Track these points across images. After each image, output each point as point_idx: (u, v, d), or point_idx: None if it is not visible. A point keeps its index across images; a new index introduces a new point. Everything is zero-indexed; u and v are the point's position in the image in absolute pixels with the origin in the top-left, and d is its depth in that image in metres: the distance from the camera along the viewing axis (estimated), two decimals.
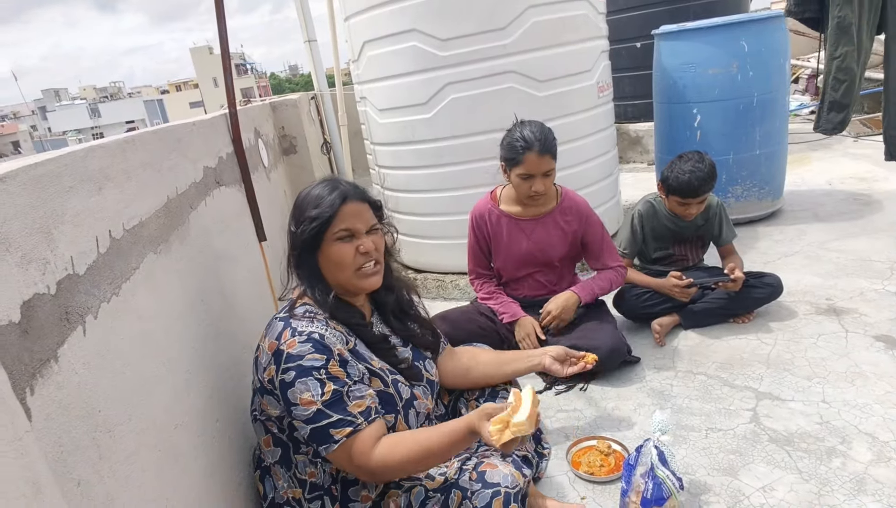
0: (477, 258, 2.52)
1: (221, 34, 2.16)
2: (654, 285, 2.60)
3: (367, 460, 1.32)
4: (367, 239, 1.47)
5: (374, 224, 1.51)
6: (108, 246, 1.12)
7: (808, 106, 7.00)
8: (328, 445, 1.33)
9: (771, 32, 3.39)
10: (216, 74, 53.98)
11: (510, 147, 2.23)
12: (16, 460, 0.69)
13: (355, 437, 1.33)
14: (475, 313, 2.48)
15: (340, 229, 1.44)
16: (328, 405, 1.32)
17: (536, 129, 2.20)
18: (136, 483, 1.04)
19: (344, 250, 1.45)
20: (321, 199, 1.45)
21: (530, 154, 2.17)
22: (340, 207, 1.44)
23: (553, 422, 2.15)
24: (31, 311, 0.85)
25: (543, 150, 2.17)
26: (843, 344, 2.31)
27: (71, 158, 1.06)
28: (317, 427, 1.32)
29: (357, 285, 1.49)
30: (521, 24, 2.83)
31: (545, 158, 2.18)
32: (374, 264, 1.50)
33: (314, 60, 4.69)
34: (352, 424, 1.33)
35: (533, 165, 2.18)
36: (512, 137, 2.23)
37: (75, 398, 0.92)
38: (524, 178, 2.23)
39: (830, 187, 4.23)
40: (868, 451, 1.76)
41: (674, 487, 1.56)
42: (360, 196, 1.50)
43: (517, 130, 2.23)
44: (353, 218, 1.46)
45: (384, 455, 1.32)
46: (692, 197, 2.47)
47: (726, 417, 2.01)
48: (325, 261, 1.47)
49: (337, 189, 1.47)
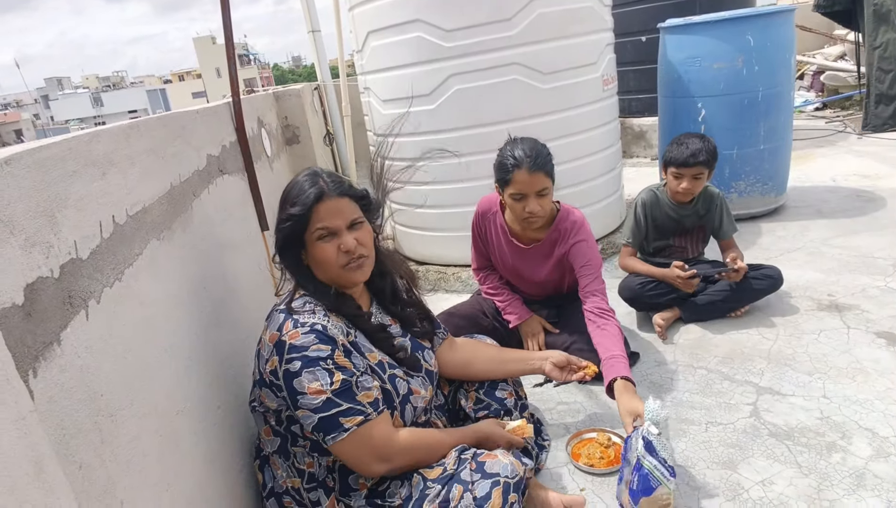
0: (479, 251, 2.51)
1: (225, 22, 2.15)
2: (658, 275, 2.60)
3: (390, 443, 1.38)
4: (348, 236, 1.43)
5: (357, 218, 1.46)
6: (111, 231, 1.12)
7: (813, 102, 6.98)
8: (337, 433, 1.33)
9: (777, 28, 3.37)
10: (219, 64, 53.90)
11: (500, 166, 2.11)
12: (20, 439, 0.70)
13: (370, 425, 1.35)
14: (480, 314, 2.48)
15: (317, 228, 1.41)
16: (338, 394, 1.33)
17: (528, 146, 2.07)
18: (138, 468, 1.05)
19: (326, 249, 1.42)
20: (298, 197, 1.42)
21: (520, 172, 2.03)
22: (314, 206, 1.40)
23: (553, 415, 2.15)
24: (34, 294, 0.85)
25: (535, 167, 2.02)
26: (844, 340, 2.31)
27: (76, 143, 1.06)
28: (326, 416, 1.33)
29: (347, 279, 1.48)
30: (527, 16, 2.82)
31: (537, 176, 2.03)
32: (360, 257, 1.46)
33: (318, 51, 4.68)
34: (362, 413, 1.34)
35: (524, 183, 2.04)
36: (502, 155, 2.11)
37: (78, 381, 0.92)
38: (517, 198, 2.09)
39: (834, 184, 4.21)
40: (868, 446, 1.76)
41: (662, 477, 1.55)
42: (339, 191, 1.44)
43: (507, 148, 2.11)
44: (331, 216, 1.41)
45: (412, 441, 1.43)
46: (685, 166, 2.48)
47: (726, 411, 2.01)
48: (311, 260, 1.47)
49: (314, 185, 1.42)
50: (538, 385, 2.31)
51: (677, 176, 2.54)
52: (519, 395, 1.87)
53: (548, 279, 2.39)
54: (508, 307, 2.44)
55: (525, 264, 2.38)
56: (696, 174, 2.50)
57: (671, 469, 1.58)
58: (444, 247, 3.34)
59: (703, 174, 2.51)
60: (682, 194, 2.56)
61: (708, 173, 2.53)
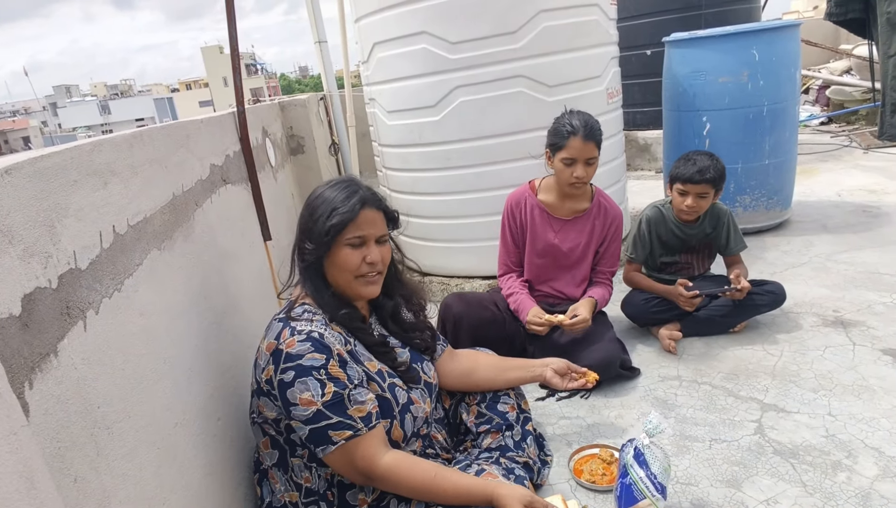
0: (507, 248, 2.54)
1: (231, 33, 2.16)
2: (662, 292, 2.58)
3: (371, 465, 1.33)
4: (375, 249, 1.46)
5: (385, 235, 1.51)
6: (111, 241, 1.12)
7: (818, 117, 6.97)
8: (326, 446, 1.33)
9: (782, 42, 3.37)
10: (226, 74, 54.22)
11: (556, 132, 2.29)
12: (11, 454, 0.69)
13: (357, 441, 1.33)
14: (490, 302, 2.49)
15: (355, 235, 1.43)
16: (328, 407, 1.32)
17: (584, 118, 2.26)
18: (134, 481, 1.03)
19: (352, 256, 1.44)
20: (342, 202, 1.43)
21: (575, 139, 2.21)
22: (360, 212, 1.43)
23: (555, 429, 2.13)
24: (31, 304, 0.85)
25: (588, 136, 2.22)
26: (850, 357, 2.29)
27: (77, 152, 1.06)
28: (316, 428, 1.32)
29: (356, 290, 1.48)
30: (532, 29, 2.82)
31: (589, 145, 2.23)
32: (377, 275, 1.49)
33: (324, 61, 4.70)
34: (352, 428, 1.33)
35: (577, 149, 2.23)
36: (559, 122, 2.30)
37: (74, 393, 0.91)
38: (567, 163, 2.26)
39: (839, 199, 4.20)
40: (874, 466, 1.74)
41: (647, 490, 1.53)
42: (377, 204, 1.49)
43: (565, 116, 2.30)
44: (368, 225, 1.45)
45: (394, 470, 1.34)
46: (690, 183, 2.45)
47: (730, 428, 1.99)
48: (329, 262, 1.47)
49: (357, 193, 1.45)
50: (541, 399, 2.30)
51: (682, 193, 2.50)
52: (521, 408, 1.86)
53: (581, 257, 2.49)
54: (520, 308, 2.43)
55: (563, 239, 2.47)
56: (702, 193, 2.46)
57: (661, 486, 1.55)
58: (447, 258, 3.33)
59: (708, 193, 2.47)
60: (686, 212, 2.52)
61: (714, 194, 2.49)
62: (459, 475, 1.40)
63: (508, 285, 2.52)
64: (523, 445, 1.75)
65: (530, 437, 1.80)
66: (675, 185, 2.53)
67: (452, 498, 1.35)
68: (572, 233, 2.46)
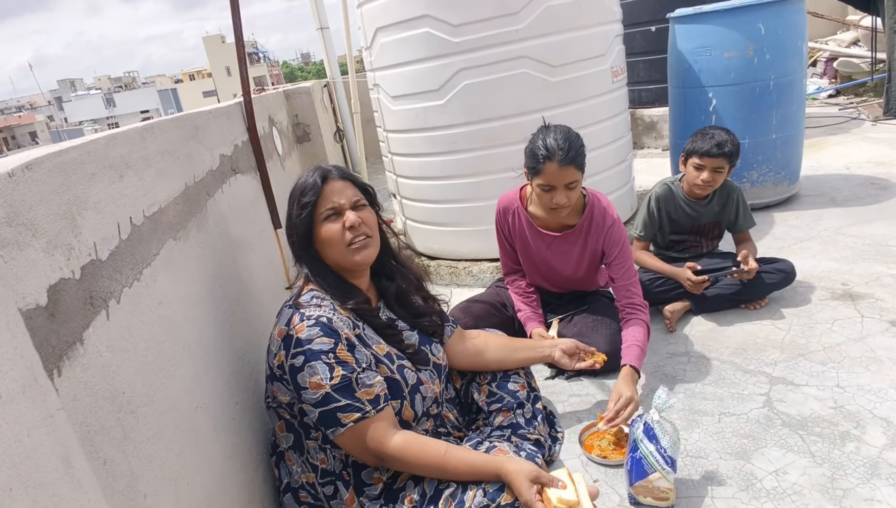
0: (506, 252, 2.46)
1: (235, 22, 2.17)
2: (668, 273, 2.59)
3: (381, 446, 1.37)
4: (351, 214, 1.49)
5: (359, 200, 1.54)
6: (129, 232, 1.15)
7: (826, 89, 6.90)
8: (336, 428, 1.37)
9: (788, 14, 3.33)
10: (229, 63, 54.05)
11: (531, 154, 2.04)
12: (48, 436, 0.72)
13: (365, 423, 1.37)
14: (497, 304, 2.48)
15: (325, 208, 1.48)
16: (337, 390, 1.35)
17: (561, 136, 1.99)
18: (159, 463, 1.07)
19: (332, 228, 1.49)
20: (305, 183, 1.51)
21: (551, 164, 1.97)
22: (322, 187, 1.49)
23: (566, 406, 2.16)
24: (57, 295, 0.88)
25: (566, 161, 1.95)
26: (858, 329, 2.30)
27: (94, 146, 1.08)
28: (326, 411, 1.36)
29: (351, 260, 1.51)
30: (535, 9, 2.82)
31: (568, 170, 1.97)
32: (364, 237, 1.51)
33: (326, 48, 4.70)
34: (360, 410, 1.37)
35: (554, 176, 1.99)
36: (534, 143, 2.04)
37: (100, 379, 0.94)
38: (545, 189, 2.04)
39: (848, 172, 4.17)
40: (882, 435, 1.76)
41: (657, 464, 1.57)
42: (341, 175, 1.54)
43: (540, 136, 2.03)
44: (336, 195, 1.50)
45: (404, 450, 1.38)
46: (708, 156, 2.44)
47: (739, 401, 2.01)
48: (319, 244, 1.51)
49: (318, 171, 1.52)
50: (550, 378, 2.33)
51: (698, 167, 2.49)
52: (531, 387, 1.89)
53: (576, 270, 2.34)
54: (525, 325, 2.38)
55: (554, 253, 2.31)
56: (718, 167, 2.46)
57: (671, 460, 1.58)
58: (455, 242, 3.35)
59: (724, 168, 2.47)
60: (700, 186, 2.51)
61: (728, 169, 2.49)
62: (468, 452, 1.43)
63: (514, 292, 2.48)
64: (534, 422, 1.78)
65: (541, 415, 1.83)
66: (692, 159, 2.51)
67: (462, 475, 1.38)
68: (564, 247, 2.29)
